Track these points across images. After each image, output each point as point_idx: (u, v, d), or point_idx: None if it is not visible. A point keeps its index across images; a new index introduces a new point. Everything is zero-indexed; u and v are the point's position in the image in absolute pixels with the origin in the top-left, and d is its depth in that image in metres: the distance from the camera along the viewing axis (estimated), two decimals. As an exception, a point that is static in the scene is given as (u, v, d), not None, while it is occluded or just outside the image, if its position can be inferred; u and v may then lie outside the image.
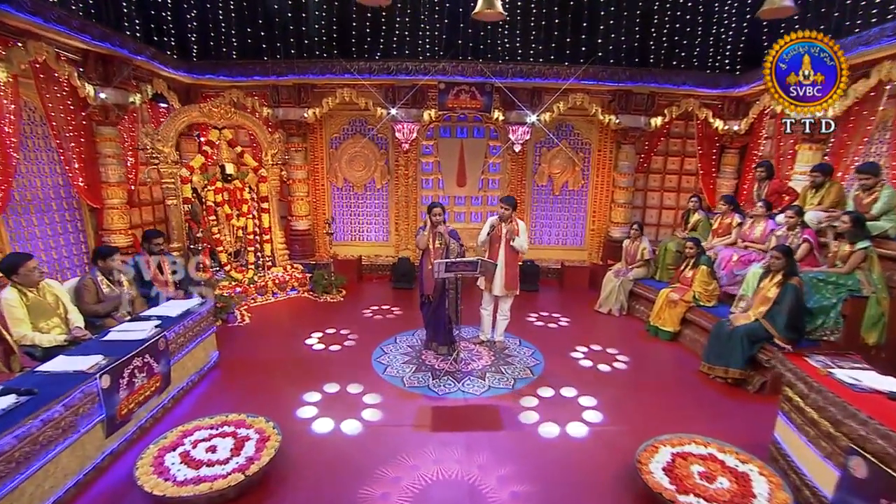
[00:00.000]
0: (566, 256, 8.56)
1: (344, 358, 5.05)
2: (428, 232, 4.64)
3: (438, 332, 4.88)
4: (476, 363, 4.88)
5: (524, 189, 8.49)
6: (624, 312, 6.55)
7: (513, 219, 4.92)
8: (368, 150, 8.37)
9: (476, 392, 4.28)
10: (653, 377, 4.76)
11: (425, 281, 4.66)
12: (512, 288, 5.04)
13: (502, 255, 4.90)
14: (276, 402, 4.08)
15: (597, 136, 8.31)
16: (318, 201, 8.57)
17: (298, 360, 4.98)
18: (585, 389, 4.44)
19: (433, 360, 4.85)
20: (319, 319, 6.15)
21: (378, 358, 4.99)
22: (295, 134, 7.99)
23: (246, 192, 7.14)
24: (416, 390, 4.31)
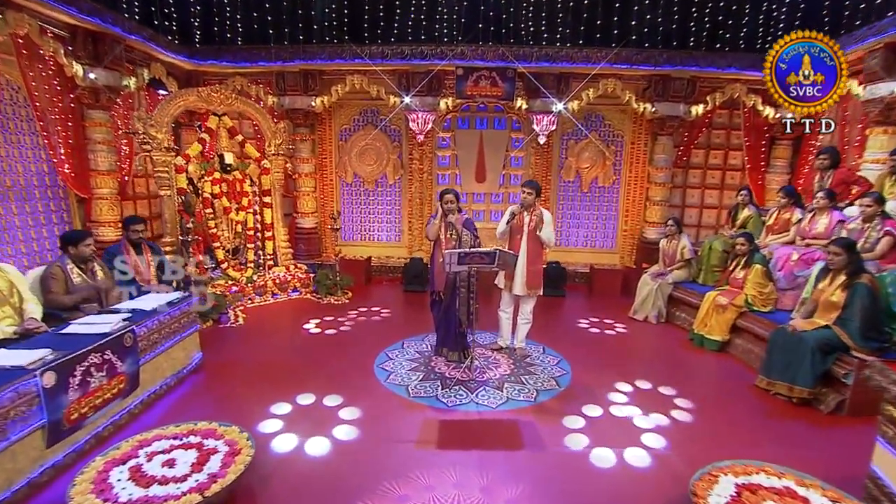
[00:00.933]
0: (596, 259, 8.12)
1: (342, 364, 4.72)
2: (439, 221, 4.33)
3: (449, 335, 4.54)
4: (493, 372, 4.52)
5: (549, 185, 8.09)
6: (662, 320, 6.08)
7: (536, 206, 4.55)
8: (380, 143, 8.09)
9: (492, 404, 3.90)
10: (701, 392, 4.25)
11: (436, 276, 4.38)
12: (535, 286, 4.65)
13: (524, 249, 4.52)
14: (252, 410, 3.72)
15: (630, 126, 7.85)
16: (326, 197, 8.35)
17: (291, 365, 4.67)
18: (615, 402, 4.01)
19: (443, 368, 4.51)
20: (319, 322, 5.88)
21: (381, 364, 4.66)
22: (302, 124, 7.75)
23: (247, 184, 6.85)
24: (422, 401, 3.94)
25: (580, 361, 4.79)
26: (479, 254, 3.94)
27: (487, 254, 3.93)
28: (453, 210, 4.28)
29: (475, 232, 4.39)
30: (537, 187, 4.54)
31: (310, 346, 5.16)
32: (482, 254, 3.93)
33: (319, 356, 4.87)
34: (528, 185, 4.49)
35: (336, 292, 6.91)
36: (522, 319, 4.82)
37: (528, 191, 4.44)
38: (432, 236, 4.41)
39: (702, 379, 4.64)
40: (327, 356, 4.87)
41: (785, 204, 5.50)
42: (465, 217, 4.41)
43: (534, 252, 4.58)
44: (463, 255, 3.92)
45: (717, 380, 4.64)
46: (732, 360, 5.01)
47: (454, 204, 4.27)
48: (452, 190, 4.34)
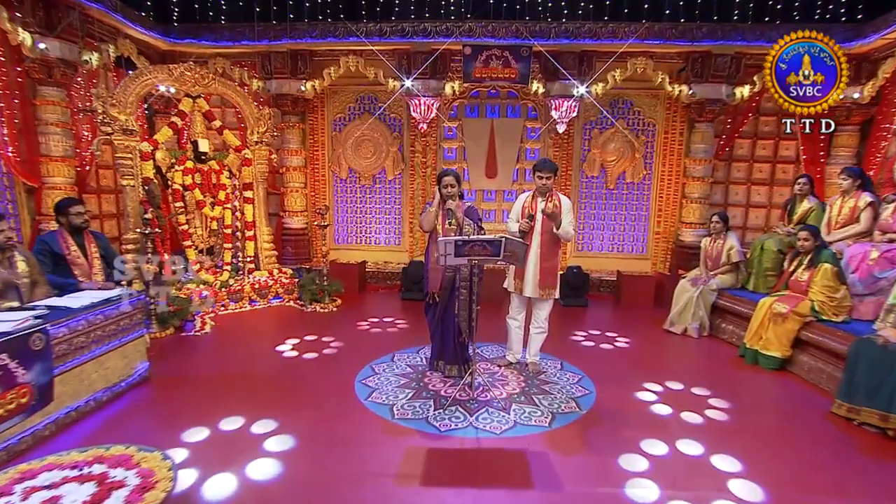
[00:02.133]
0: (624, 266, 7.62)
1: (317, 377, 4.26)
2: (436, 208, 3.95)
3: (446, 346, 4.13)
4: (498, 390, 4.04)
5: (570, 181, 7.63)
6: (705, 333, 5.55)
7: (553, 193, 4.13)
8: (378, 133, 7.76)
9: (495, 430, 3.41)
10: (764, 423, 3.66)
11: (431, 273, 4.03)
12: (549, 286, 4.21)
13: (537, 241, 4.12)
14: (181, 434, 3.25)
15: (663, 113, 7.39)
16: (317, 194, 8.00)
17: (256, 380, 4.20)
18: (656, 434, 3.43)
19: (439, 385, 4.07)
20: (299, 330, 5.47)
21: (365, 379, 4.21)
22: (290, 112, 7.42)
23: (224, 176, 6.51)
24: (408, 424, 3.46)
25: (606, 380, 4.30)
26: (480, 242, 3.49)
27: (491, 242, 3.48)
28: (454, 195, 3.91)
29: (479, 223, 4.02)
30: (554, 168, 4.12)
31: (282, 357, 4.76)
32: (484, 242, 3.48)
33: (291, 369, 4.48)
34: (542, 166, 4.07)
35: (323, 299, 6.47)
36: (536, 328, 4.37)
37: (542, 174, 4.04)
38: (427, 226, 4.01)
39: (762, 405, 4.06)
40: (300, 369, 4.48)
41: (849, 188, 4.85)
42: (468, 205, 4.08)
43: (549, 245, 4.17)
44: (461, 244, 3.46)
45: (780, 405, 4.07)
46: (796, 381, 4.43)
47: (455, 188, 3.90)
48: (452, 171, 3.99)
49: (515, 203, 4.30)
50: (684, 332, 5.58)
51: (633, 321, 6.13)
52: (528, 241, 4.09)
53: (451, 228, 3.93)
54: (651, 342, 5.41)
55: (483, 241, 3.49)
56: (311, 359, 4.63)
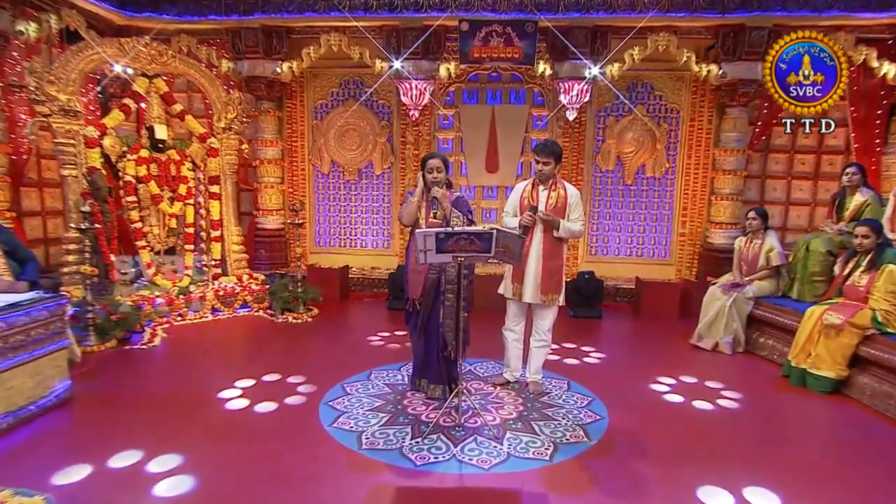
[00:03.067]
0: (644, 272, 7.29)
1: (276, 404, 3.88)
2: (418, 198, 3.73)
3: (430, 361, 3.88)
4: (491, 415, 3.70)
5: (581, 176, 7.33)
6: (739, 349, 5.23)
7: (556, 181, 3.90)
8: (365, 122, 7.51)
9: (483, 464, 3.06)
10: (813, 457, 3.30)
11: (411, 276, 3.80)
12: (553, 291, 3.93)
13: (538, 238, 3.89)
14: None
15: (688, 97, 7.08)
16: (296, 190, 7.71)
17: (198, 402, 3.85)
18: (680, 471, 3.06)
19: (420, 408, 3.78)
20: (261, 347, 5.20)
21: (333, 401, 3.89)
22: (265, 97, 7.11)
23: (186, 167, 6.23)
24: (378, 456, 3.13)
25: (622, 404, 3.96)
26: (467, 236, 3.19)
27: (479, 236, 3.19)
28: (440, 182, 3.68)
29: (470, 215, 3.79)
30: (556, 151, 3.85)
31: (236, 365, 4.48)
32: (472, 235, 3.19)
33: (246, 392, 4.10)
34: (542, 149, 3.83)
35: (296, 308, 6.17)
36: (537, 341, 4.08)
37: (544, 159, 3.80)
38: (408, 219, 3.76)
39: (812, 436, 3.68)
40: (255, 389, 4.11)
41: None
42: (458, 195, 3.84)
43: (552, 242, 3.90)
44: (443, 238, 3.17)
45: (835, 437, 3.69)
46: (854, 407, 4.03)
47: (442, 174, 3.70)
48: (439, 154, 3.88)
49: (512, 193, 4.05)
50: (715, 347, 5.26)
51: (654, 335, 5.91)
52: (529, 238, 3.84)
53: (437, 222, 3.70)
54: (675, 359, 5.07)
55: (470, 233, 3.20)
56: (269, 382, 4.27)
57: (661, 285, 6.83)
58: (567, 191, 3.89)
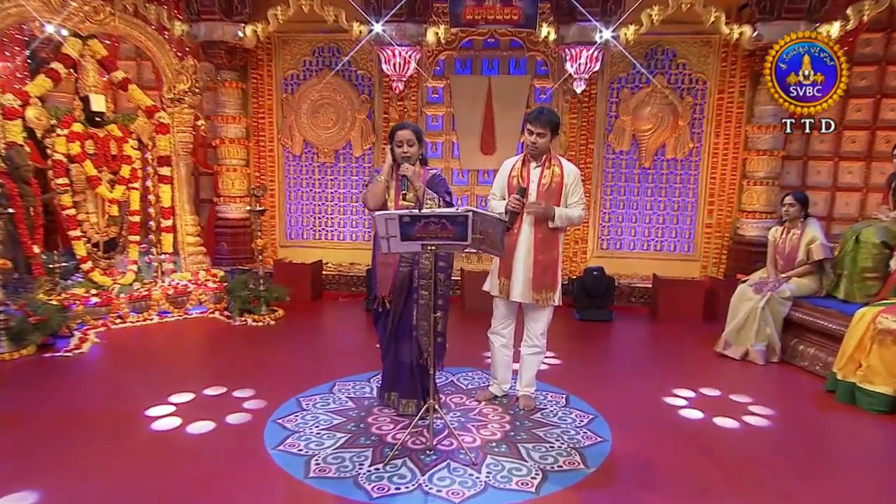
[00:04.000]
0: (663, 268, 7.13)
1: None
2: (385, 176, 3.62)
3: (400, 371, 3.78)
4: (470, 435, 3.52)
5: (590, 158, 7.20)
6: (774, 358, 5.04)
7: (551, 157, 3.78)
8: (342, 96, 7.43)
9: (454, 497, 2.84)
10: (867, 495, 3.02)
11: (379, 269, 3.71)
12: (547, 287, 3.78)
13: (528, 228, 3.76)
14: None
15: (717, 66, 6.89)
16: (264, 175, 7.65)
17: (120, 421, 3.64)
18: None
19: (387, 426, 3.62)
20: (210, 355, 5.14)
21: (283, 418, 3.71)
22: (226, 66, 6.97)
23: (130, 146, 6.09)
24: (327, 485, 2.90)
25: (629, 423, 3.76)
26: (436, 219, 3.05)
27: (453, 219, 3.03)
28: (412, 158, 3.55)
29: (448, 197, 3.68)
30: (553, 121, 3.70)
31: (176, 376, 4.35)
32: (443, 219, 3.04)
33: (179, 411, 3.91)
34: (537, 117, 3.67)
35: (257, 309, 6.03)
36: (529, 347, 3.93)
37: (539, 129, 3.66)
38: (374, 201, 3.62)
39: (866, 466, 3.39)
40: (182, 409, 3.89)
41: None
42: (434, 172, 3.75)
43: (546, 230, 3.75)
44: (409, 222, 3.03)
45: None
46: None
47: (414, 147, 3.56)
48: (409, 125, 3.68)
49: (499, 171, 3.92)
50: (745, 356, 5.08)
51: (672, 341, 5.80)
52: (517, 225, 3.72)
53: (408, 204, 3.53)
54: (696, 369, 4.90)
55: (441, 216, 3.04)
56: (211, 396, 4.07)
57: (683, 283, 6.70)
58: (564, 169, 3.73)
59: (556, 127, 3.70)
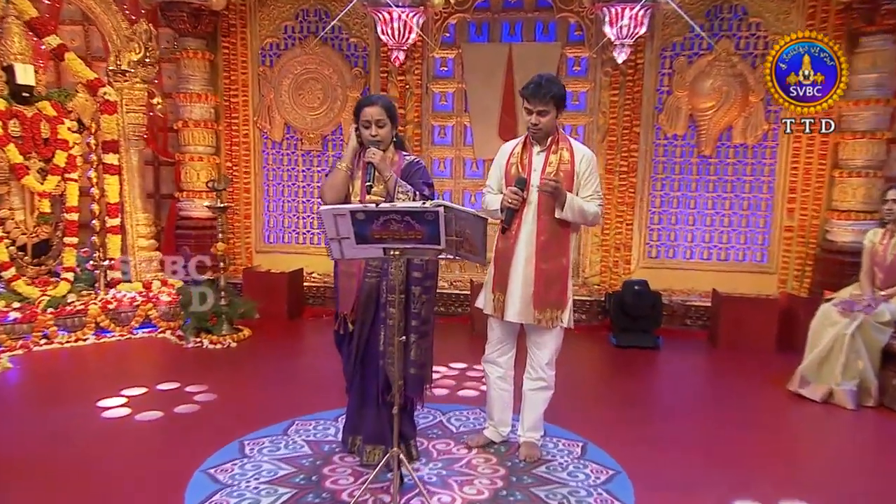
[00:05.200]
0: (726, 282, 6.94)
1: (136, 459, 3.74)
2: (347, 163, 3.60)
3: (367, 410, 3.73)
4: (448, 494, 3.41)
5: (636, 144, 7.05)
6: (869, 401, 4.88)
7: (557, 138, 3.72)
8: (331, 69, 7.47)
9: None
10: None
11: (341, 280, 3.69)
12: (552, 304, 3.71)
13: (530, 228, 3.68)
14: None
15: (801, 25, 6.61)
16: (237, 165, 7.76)
17: None
18: None
19: (345, 480, 3.55)
20: (145, 386, 4.96)
21: (217, 467, 3.60)
22: (190, 33, 7.08)
23: (66, 127, 6.09)
24: None
25: (660, 482, 3.63)
26: (399, 216, 2.95)
27: (419, 216, 2.92)
28: (383, 141, 3.53)
29: (428, 190, 3.67)
30: (557, 93, 3.60)
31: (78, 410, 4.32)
32: (408, 216, 2.95)
33: (94, 442, 3.95)
34: (535, 91, 3.59)
35: (217, 329, 6.02)
36: (532, 381, 3.82)
37: (540, 106, 3.58)
38: (332, 194, 3.59)
39: None
40: (101, 449, 3.88)
41: None
42: (410, 159, 3.74)
43: (551, 231, 3.66)
44: (364, 219, 2.94)
45: None
46: None
47: (385, 129, 3.54)
48: (379, 98, 3.75)
49: (496, 158, 3.90)
50: (828, 397, 4.91)
51: (734, 375, 5.69)
52: (516, 224, 3.65)
53: (376, 199, 3.47)
54: (761, 415, 4.81)
55: (404, 212, 2.93)
56: (145, 422, 4.09)
57: (752, 302, 6.55)
58: (574, 153, 3.61)
59: (562, 100, 3.59)
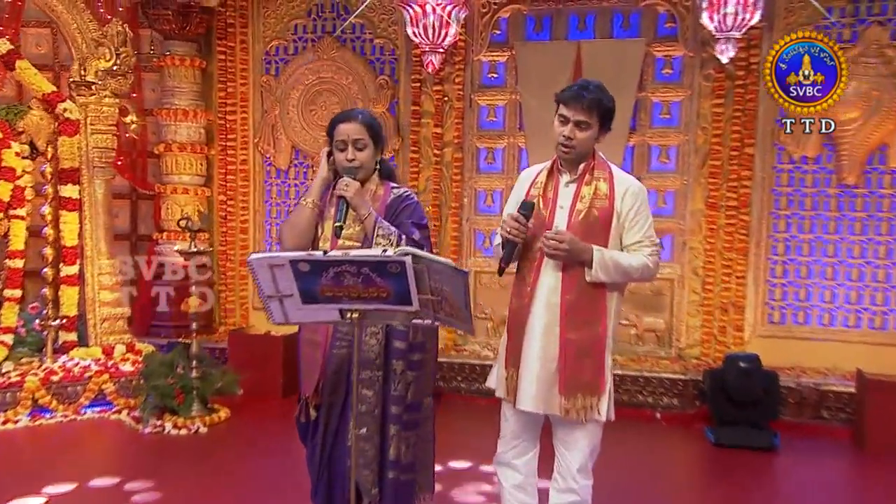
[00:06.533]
0: (878, 360, 6.64)
1: None
2: (314, 197, 3.52)
3: None
4: None
5: (749, 170, 6.94)
6: None
7: (595, 163, 3.49)
8: (350, 77, 7.60)
9: None
10: None
11: (304, 350, 3.69)
12: (584, 390, 3.44)
13: (550, 280, 3.43)
14: None
15: None
16: (233, 199, 7.92)
17: None
18: None
19: None
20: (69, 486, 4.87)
21: None
22: (177, 35, 7.33)
23: (13, 153, 6.21)
24: None
25: None
26: (356, 267, 2.83)
27: (381, 268, 2.82)
28: (362, 167, 3.44)
29: (419, 233, 3.54)
30: (602, 103, 3.38)
31: None
32: (366, 267, 2.83)
33: None
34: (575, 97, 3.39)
35: (184, 409, 5.89)
36: (560, 493, 3.52)
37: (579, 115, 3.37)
38: (294, 238, 3.55)
39: None
40: None
41: None
42: (398, 193, 3.65)
43: (580, 290, 3.37)
44: (310, 271, 2.86)
45: None
46: None
47: (366, 151, 3.44)
48: (359, 114, 3.58)
49: (516, 185, 3.76)
50: None
51: (886, 488, 5.38)
52: (532, 285, 3.43)
53: (351, 245, 3.40)
54: None
55: (361, 262, 2.80)
56: None
57: None
58: (615, 185, 3.32)
59: (608, 115, 3.32)
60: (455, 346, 7.22)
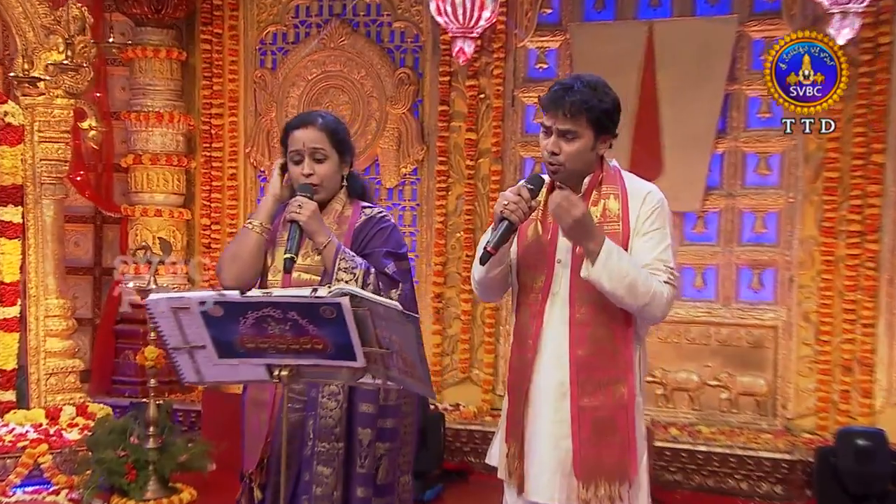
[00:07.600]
0: None
1: None
2: (264, 220, 3.51)
3: None
4: None
5: (877, 182, 6.71)
6: None
7: (603, 175, 3.33)
8: (363, 71, 7.63)
9: None
10: None
11: (247, 412, 3.71)
12: (607, 476, 3.32)
13: (558, 335, 3.26)
14: None
15: None
16: (218, 224, 7.99)
17: None
18: None
19: None
20: None
21: None
22: (150, 21, 7.41)
23: None
24: None
25: None
26: (282, 310, 2.85)
27: (313, 312, 2.82)
28: (323, 183, 3.44)
29: (391, 266, 3.51)
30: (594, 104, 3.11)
31: None
32: (294, 311, 2.84)
33: None
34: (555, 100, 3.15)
35: (136, 489, 5.65)
36: None
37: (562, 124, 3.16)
38: (234, 269, 3.47)
39: None
40: None
41: None
42: (372, 213, 3.65)
43: (592, 340, 3.24)
44: (224, 316, 2.87)
45: None
46: None
47: (327, 163, 3.43)
48: (319, 117, 3.58)
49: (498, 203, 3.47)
50: None
51: None
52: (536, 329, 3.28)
53: (308, 279, 3.40)
54: None
55: (289, 305, 2.79)
56: None
57: None
58: (630, 200, 3.15)
59: (605, 119, 3.01)
60: (491, 411, 6.85)
